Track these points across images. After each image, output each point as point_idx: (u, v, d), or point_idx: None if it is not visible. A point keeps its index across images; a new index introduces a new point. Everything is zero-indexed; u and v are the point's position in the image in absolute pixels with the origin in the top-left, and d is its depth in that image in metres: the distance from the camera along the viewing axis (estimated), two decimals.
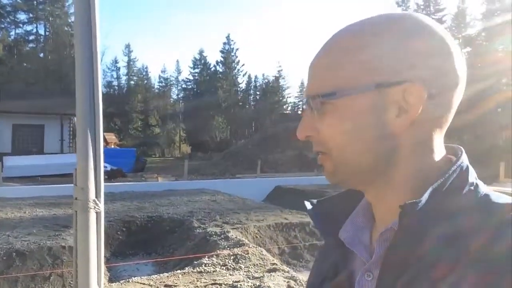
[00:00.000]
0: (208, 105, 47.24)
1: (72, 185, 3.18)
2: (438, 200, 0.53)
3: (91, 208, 3.25)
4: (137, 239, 7.24)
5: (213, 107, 46.79)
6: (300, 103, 65.46)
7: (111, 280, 5.60)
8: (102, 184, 3.33)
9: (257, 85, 56.38)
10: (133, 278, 4.61)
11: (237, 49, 53.07)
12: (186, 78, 56.06)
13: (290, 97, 58.30)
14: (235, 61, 51.99)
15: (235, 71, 52.27)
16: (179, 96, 59.67)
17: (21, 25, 41.48)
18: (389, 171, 0.56)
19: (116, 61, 54.44)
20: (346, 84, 0.55)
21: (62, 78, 36.77)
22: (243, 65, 72.65)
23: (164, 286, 4.07)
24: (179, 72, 61.64)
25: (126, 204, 9.43)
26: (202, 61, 53.73)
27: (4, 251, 5.41)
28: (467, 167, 0.57)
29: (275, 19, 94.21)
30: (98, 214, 3.31)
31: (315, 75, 0.58)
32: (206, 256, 5.33)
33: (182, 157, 34.78)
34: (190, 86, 55.63)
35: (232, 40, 51.90)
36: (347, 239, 0.62)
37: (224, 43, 51.53)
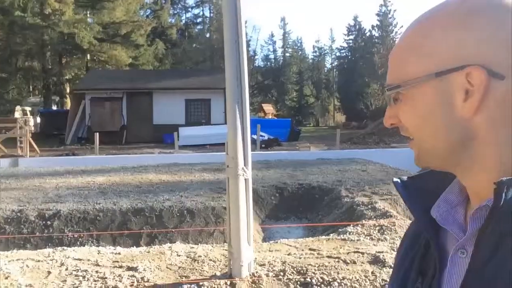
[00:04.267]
0: (363, 72, 45.82)
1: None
2: None
3: (240, 175, 3.70)
4: (288, 205, 7.72)
5: (368, 74, 45.19)
6: None
7: (264, 239, 6.18)
8: (249, 153, 3.74)
9: None
10: (281, 239, 5.02)
11: (394, 10, 49.95)
12: (340, 46, 55.17)
13: None
14: (393, 24, 48.89)
15: (393, 34, 49.20)
16: (333, 64, 59.23)
17: (190, 9, 46.23)
18: (471, 154, 0.57)
19: (272, 35, 56.96)
20: (408, 76, 0.59)
21: None
22: (401, 27, 67.63)
23: (309, 250, 4.34)
24: (332, 40, 61.01)
25: (279, 171, 10.02)
26: (357, 27, 51.97)
27: (178, 209, 6.42)
28: None
29: None
30: (246, 180, 3.75)
31: (389, 66, 0.63)
32: (351, 225, 5.43)
33: (336, 126, 34.78)
34: (344, 54, 54.57)
35: (389, 1, 48.75)
36: (439, 217, 0.61)
37: (381, 5, 48.76)
